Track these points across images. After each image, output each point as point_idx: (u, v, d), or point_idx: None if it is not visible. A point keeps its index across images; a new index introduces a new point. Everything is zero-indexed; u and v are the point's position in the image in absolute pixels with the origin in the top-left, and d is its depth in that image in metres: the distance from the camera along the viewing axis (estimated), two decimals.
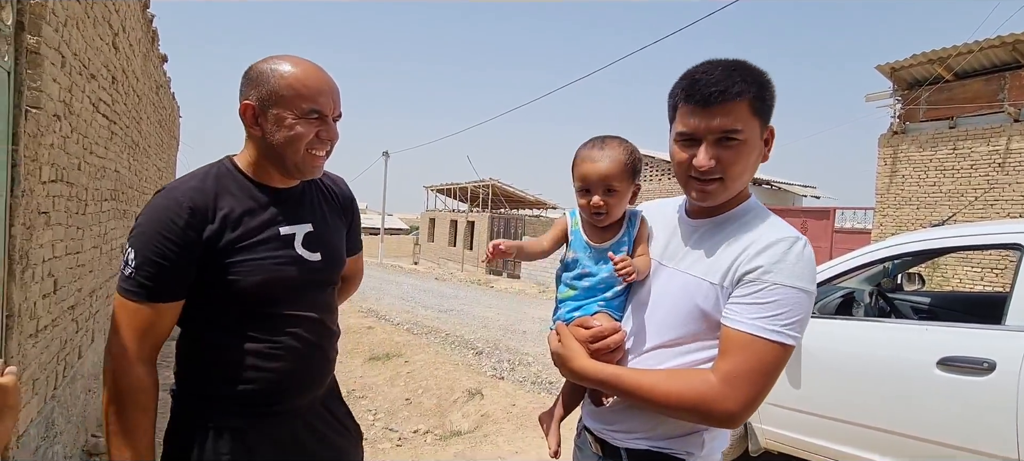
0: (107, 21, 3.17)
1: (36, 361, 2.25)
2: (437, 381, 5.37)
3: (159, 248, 1.01)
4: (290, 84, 1.06)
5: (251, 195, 1.11)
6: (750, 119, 0.95)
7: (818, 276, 2.85)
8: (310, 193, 1.22)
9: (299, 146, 1.07)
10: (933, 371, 2.30)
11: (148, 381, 1.04)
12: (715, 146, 0.95)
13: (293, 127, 1.06)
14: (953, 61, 9.07)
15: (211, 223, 1.04)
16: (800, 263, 0.92)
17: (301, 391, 1.16)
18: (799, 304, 0.91)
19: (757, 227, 0.98)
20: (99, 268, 3.38)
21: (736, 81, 0.93)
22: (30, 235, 2.07)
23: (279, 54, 1.11)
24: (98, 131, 3.11)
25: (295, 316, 1.12)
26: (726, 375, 0.91)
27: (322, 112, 1.08)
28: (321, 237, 1.18)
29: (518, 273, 19.05)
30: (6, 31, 1.91)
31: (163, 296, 1.03)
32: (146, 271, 1.01)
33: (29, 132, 2.03)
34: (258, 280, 1.06)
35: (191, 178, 1.10)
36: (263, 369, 1.09)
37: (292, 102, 1.05)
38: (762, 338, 0.90)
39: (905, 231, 9.65)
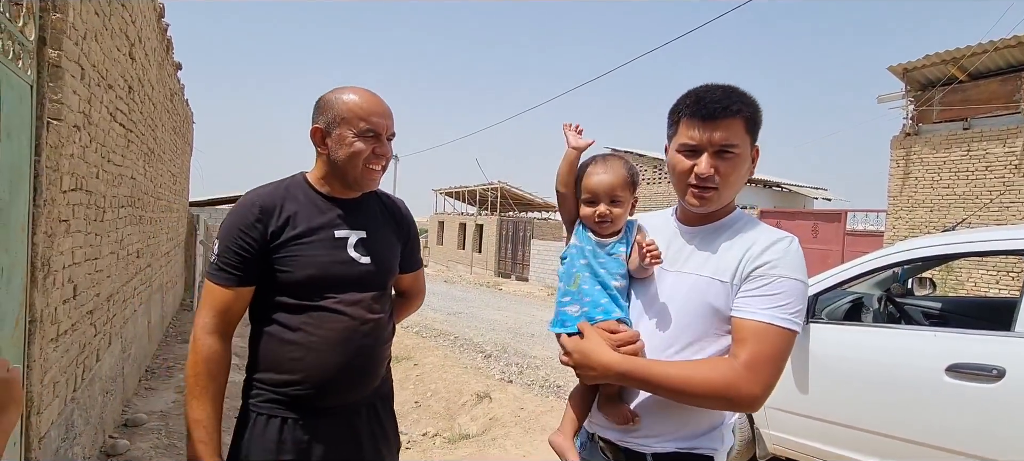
0: (124, 32, 3.26)
1: (57, 364, 2.31)
2: (446, 384, 5.40)
3: (235, 239, 1.21)
4: (350, 108, 1.23)
5: (314, 203, 1.28)
6: (744, 136, 1.07)
7: (827, 281, 2.85)
8: (370, 206, 1.37)
9: (358, 161, 1.24)
10: (942, 377, 2.28)
11: (220, 351, 1.22)
12: (714, 157, 1.06)
13: (352, 144, 1.23)
14: (967, 61, 8.94)
15: (276, 220, 1.23)
16: (797, 258, 1.05)
17: (346, 388, 1.25)
18: (800, 294, 1.02)
19: (753, 231, 1.10)
20: (116, 273, 3.46)
21: (735, 101, 1.05)
22: (51, 243, 2.14)
23: (344, 86, 1.29)
24: (115, 140, 3.20)
25: (343, 314, 1.24)
26: (747, 361, 0.99)
27: (376, 132, 1.25)
28: (373, 244, 1.31)
29: (527, 276, 19.06)
30: (29, 46, 1.98)
31: (236, 281, 1.22)
32: (225, 259, 1.22)
33: (50, 143, 2.10)
34: (309, 273, 1.21)
35: (268, 185, 1.30)
36: (310, 362, 1.21)
37: (351, 123, 1.23)
38: (776, 326, 0.99)
39: (918, 234, 9.52)
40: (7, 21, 1.74)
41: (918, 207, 9.72)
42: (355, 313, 1.25)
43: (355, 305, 1.25)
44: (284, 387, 1.22)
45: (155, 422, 3.74)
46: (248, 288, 1.23)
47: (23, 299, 1.98)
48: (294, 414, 1.22)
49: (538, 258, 18.16)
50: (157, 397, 4.23)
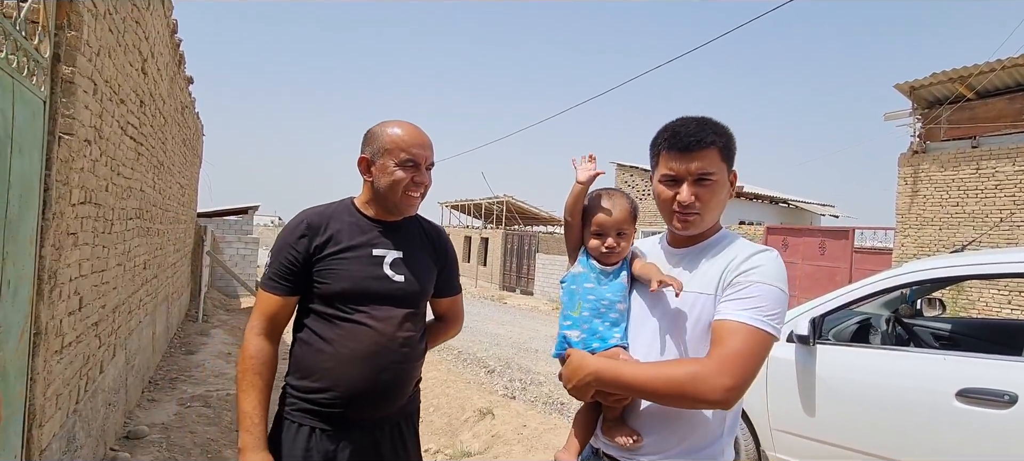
0: (137, 48, 3.32)
1: (60, 377, 2.32)
2: (448, 399, 5.37)
3: (284, 253, 1.34)
4: (393, 141, 1.36)
5: (357, 223, 1.39)
6: (720, 163, 1.15)
7: (834, 301, 2.82)
8: (410, 230, 1.46)
9: (398, 188, 1.36)
10: (952, 402, 2.24)
11: (267, 351, 1.33)
12: (694, 185, 1.14)
13: (394, 173, 1.35)
14: (974, 80, 8.91)
15: (320, 236, 1.34)
16: (776, 267, 1.10)
17: (373, 403, 1.32)
18: (777, 300, 1.07)
19: (735, 246, 1.17)
20: (122, 284, 3.48)
21: (708, 132, 1.13)
22: (59, 255, 2.16)
23: (390, 119, 1.42)
24: (125, 153, 3.24)
25: (373, 329, 1.31)
26: (718, 357, 1.03)
27: (416, 162, 1.36)
28: (409, 265, 1.40)
29: (532, 289, 19.00)
30: (43, 63, 2.02)
31: (284, 290, 1.34)
32: (274, 269, 1.34)
33: (61, 157, 2.13)
34: (344, 286, 1.31)
35: (319, 206, 1.43)
36: (340, 373, 1.29)
37: (393, 154, 1.35)
38: (748, 325, 1.04)
39: (927, 252, 9.41)
40: (23, 39, 1.78)
41: (927, 225, 9.63)
42: (385, 329, 1.32)
43: (386, 321, 1.33)
44: (314, 394, 1.30)
45: (156, 435, 3.73)
46: (294, 297, 1.35)
47: (29, 311, 1.99)
48: (322, 424, 1.30)
49: (543, 272, 18.11)
50: (159, 409, 4.23)
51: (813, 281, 11.08)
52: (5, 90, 1.66)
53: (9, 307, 1.80)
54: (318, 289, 1.32)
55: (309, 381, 1.31)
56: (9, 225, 1.74)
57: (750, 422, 3.00)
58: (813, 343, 2.72)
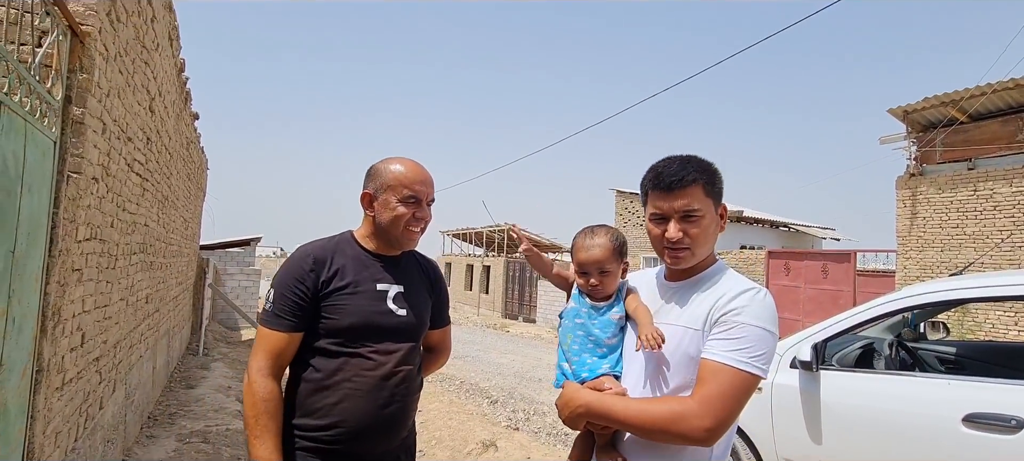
0: (145, 88, 3.41)
1: (60, 414, 2.31)
2: (450, 432, 5.29)
3: (290, 288, 1.32)
4: (396, 177, 1.39)
5: (360, 258, 1.41)
6: (705, 199, 1.18)
7: (836, 326, 2.81)
8: (408, 264, 1.49)
9: (400, 223, 1.38)
10: (959, 428, 2.21)
11: (276, 392, 1.30)
12: (681, 222, 1.18)
13: (396, 209, 1.38)
14: (966, 103, 9.04)
15: (327, 271, 1.35)
16: (764, 308, 1.11)
17: (378, 437, 1.32)
18: (763, 341, 1.08)
19: (726, 281, 1.18)
20: (124, 319, 3.49)
21: (690, 170, 1.17)
22: (63, 292, 2.18)
23: (393, 156, 1.45)
24: (131, 189, 3.29)
25: (378, 363, 1.33)
26: (701, 397, 1.06)
27: (418, 198, 1.39)
28: (409, 298, 1.43)
29: (534, 317, 18.87)
30: (55, 105, 2.08)
31: (290, 327, 1.32)
32: (280, 306, 1.32)
33: (69, 196, 2.18)
34: (353, 321, 1.32)
35: (321, 240, 1.44)
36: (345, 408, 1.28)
37: (396, 190, 1.38)
38: (732, 367, 1.06)
39: (930, 274, 9.38)
40: (37, 83, 1.84)
41: (928, 247, 9.62)
42: (389, 363, 1.34)
43: (390, 355, 1.34)
44: (319, 432, 1.29)
45: None
46: (300, 333, 1.33)
47: (32, 349, 2.00)
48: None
49: (545, 300, 18.02)
50: (157, 445, 4.17)
51: (817, 305, 11.01)
52: (18, 132, 1.71)
53: (13, 344, 1.81)
54: (325, 324, 1.32)
55: (313, 419, 1.30)
56: (16, 263, 1.77)
57: (756, 450, 2.95)
58: (816, 369, 2.71)
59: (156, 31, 3.55)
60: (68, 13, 2.01)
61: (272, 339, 1.31)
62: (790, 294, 11.44)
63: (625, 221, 17.36)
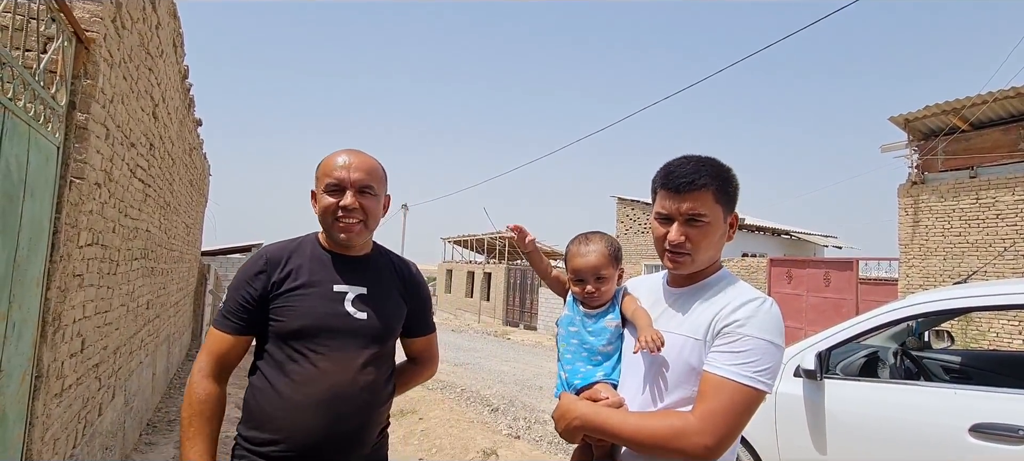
0: (149, 94, 3.42)
1: (58, 421, 2.29)
2: (451, 440, 5.25)
3: (240, 289, 1.26)
4: (322, 167, 1.30)
5: (319, 258, 1.32)
6: (714, 206, 1.13)
7: (840, 335, 2.79)
8: (378, 266, 1.39)
9: (327, 216, 1.28)
10: (966, 438, 2.19)
11: (215, 394, 1.24)
12: (685, 225, 1.13)
13: (322, 199, 1.28)
14: (967, 112, 9.05)
15: (279, 272, 1.27)
16: (769, 319, 1.06)
17: (331, 454, 1.20)
18: (769, 354, 1.03)
19: (731, 290, 1.13)
20: (125, 325, 3.48)
21: (702, 174, 1.12)
22: (64, 297, 2.18)
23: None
24: (133, 194, 3.29)
25: (332, 373, 1.21)
26: (702, 413, 1.02)
27: (340, 185, 1.26)
28: (373, 302, 1.31)
29: (535, 324, 18.82)
30: (59, 110, 2.08)
31: (235, 329, 1.26)
32: (228, 307, 1.26)
33: (71, 201, 2.18)
34: (303, 323, 1.22)
35: (282, 241, 1.36)
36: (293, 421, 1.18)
37: (320, 181, 1.29)
38: (736, 381, 1.01)
39: (933, 282, 9.34)
40: (41, 88, 1.85)
41: (931, 255, 9.59)
42: (345, 372, 1.21)
43: (345, 364, 1.22)
44: (264, 447, 1.18)
45: None
46: (247, 337, 1.27)
47: (32, 354, 1.99)
48: None
49: (546, 306, 17.98)
50: (156, 452, 4.14)
51: (819, 313, 10.97)
52: (21, 137, 1.71)
53: (13, 350, 1.80)
54: (274, 327, 1.22)
55: (260, 432, 1.19)
56: (18, 268, 1.77)
57: (759, 459, 2.92)
58: (820, 377, 2.69)
59: (160, 38, 3.57)
60: (73, 19, 2.01)
61: (216, 339, 1.25)
62: (792, 302, 11.39)
63: (627, 228, 17.35)
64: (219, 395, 1.24)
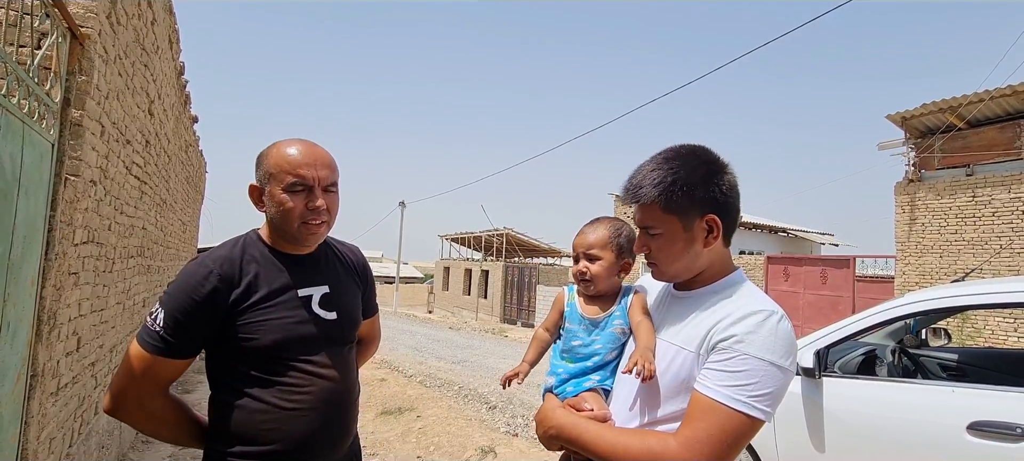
0: (145, 90, 3.39)
1: (54, 420, 2.28)
2: (449, 438, 5.25)
3: (185, 309, 1.10)
4: (277, 163, 1.15)
5: (272, 262, 1.19)
6: (662, 216, 1.05)
7: (838, 333, 2.79)
8: (327, 258, 1.30)
9: (290, 218, 1.15)
10: (964, 436, 2.20)
11: (152, 413, 1.16)
12: (644, 235, 1.10)
13: (284, 201, 1.15)
14: (964, 110, 9.09)
15: (237, 288, 1.13)
16: (773, 337, 0.94)
17: (324, 452, 1.18)
18: (769, 377, 0.92)
19: (735, 299, 1.02)
20: (121, 323, 3.46)
21: (644, 185, 1.05)
22: (59, 296, 2.16)
23: (282, 139, 1.20)
24: (129, 192, 3.27)
25: (313, 374, 1.17)
26: (686, 439, 0.92)
27: (307, 184, 1.15)
28: (337, 298, 1.25)
29: (532, 322, 18.83)
30: (54, 107, 2.06)
31: (179, 353, 1.12)
32: (169, 328, 1.10)
33: (66, 199, 2.15)
34: (276, 337, 1.13)
35: (222, 247, 1.19)
36: (289, 429, 1.13)
37: (279, 178, 1.15)
38: (727, 406, 0.91)
39: (929, 280, 9.39)
40: (35, 85, 1.83)
41: (927, 253, 9.64)
42: (328, 373, 1.19)
43: (328, 365, 1.19)
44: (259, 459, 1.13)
45: None
46: (188, 360, 1.15)
47: (26, 354, 1.98)
48: None
49: (544, 304, 18.00)
50: (152, 451, 4.13)
51: (816, 310, 11.01)
52: (15, 134, 1.69)
53: (7, 349, 1.78)
54: (245, 346, 1.12)
55: (253, 446, 1.12)
56: (12, 267, 1.75)
57: (758, 458, 2.93)
58: (819, 375, 2.69)
59: (156, 34, 3.54)
60: (68, 15, 1.99)
61: (154, 366, 1.10)
62: (789, 300, 11.43)
63: None
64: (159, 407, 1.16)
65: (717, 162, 1.07)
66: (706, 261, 1.08)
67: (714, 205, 1.04)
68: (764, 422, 0.92)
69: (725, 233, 1.08)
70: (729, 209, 1.07)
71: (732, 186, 1.07)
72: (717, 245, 1.07)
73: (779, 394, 0.93)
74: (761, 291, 1.07)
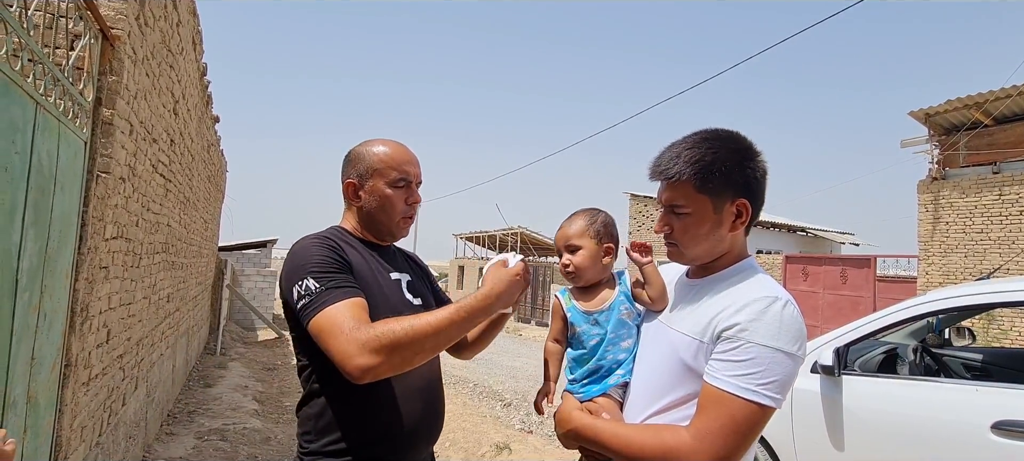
0: (170, 90, 3.48)
1: (86, 409, 2.36)
2: (465, 434, 5.29)
3: (333, 260, 1.11)
4: (382, 160, 1.24)
5: (364, 247, 1.26)
6: (695, 196, 1.03)
7: (858, 331, 2.76)
8: (397, 253, 1.38)
9: (394, 212, 1.24)
10: (988, 435, 2.16)
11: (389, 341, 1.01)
12: (668, 214, 1.08)
13: (387, 195, 1.23)
14: (990, 106, 8.84)
15: (347, 258, 1.16)
16: (778, 323, 0.93)
17: (427, 438, 1.20)
18: (776, 364, 0.91)
19: (742, 286, 1.02)
20: (147, 317, 3.56)
21: (677, 163, 1.03)
22: (91, 289, 2.23)
23: (372, 138, 1.30)
24: (155, 189, 3.36)
25: None
26: (698, 431, 0.93)
27: (408, 179, 1.25)
28: (418, 287, 1.32)
29: (547, 321, 18.83)
30: (86, 106, 2.14)
31: (357, 291, 1.08)
32: (337, 278, 1.07)
33: (98, 195, 2.23)
34: (385, 313, 1.11)
35: (316, 234, 1.21)
36: (404, 413, 1.13)
37: (384, 174, 1.24)
38: (736, 396, 0.91)
39: (953, 280, 9.16)
40: (70, 85, 1.90)
41: (952, 253, 9.40)
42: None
43: None
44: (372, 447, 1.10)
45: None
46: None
47: (61, 344, 2.06)
48: None
49: None
50: (177, 443, 4.24)
51: (836, 310, 10.82)
52: (52, 132, 1.76)
53: (44, 339, 1.86)
54: None
55: (363, 435, 1.10)
56: (48, 260, 1.82)
57: (776, 457, 2.90)
58: (838, 373, 2.66)
59: (181, 35, 3.63)
60: (100, 17, 2.06)
61: (358, 304, 1.05)
62: (808, 300, 11.25)
63: (639, 224, 17.26)
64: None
65: (752, 147, 1.06)
66: (726, 247, 1.08)
67: (746, 189, 1.04)
68: (775, 409, 0.92)
69: (750, 220, 1.07)
70: (759, 196, 1.06)
71: (765, 173, 1.07)
72: (740, 232, 1.07)
73: (788, 380, 0.93)
74: (770, 278, 1.05)
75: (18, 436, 1.71)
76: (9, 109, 1.44)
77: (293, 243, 1.18)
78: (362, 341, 0.98)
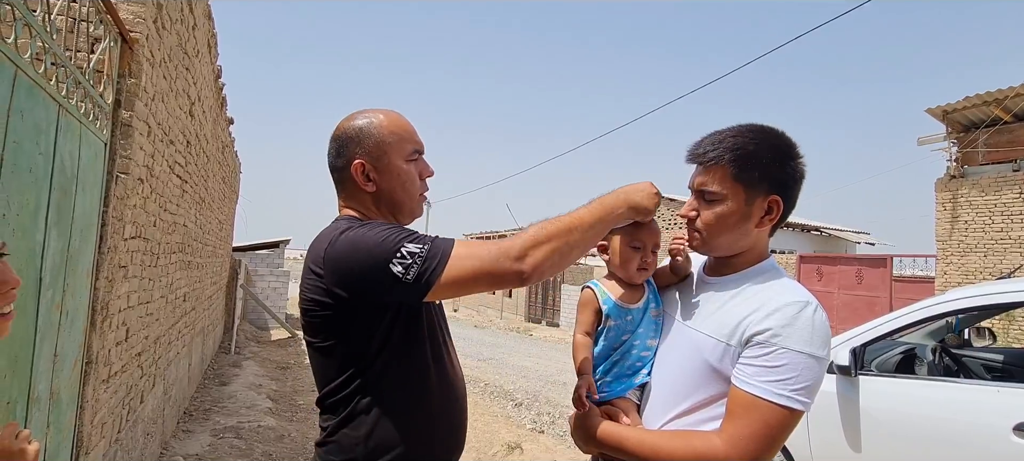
0: (186, 93, 3.54)
1: (106, 406, 2.41)
2: (476, 433, 5.30)
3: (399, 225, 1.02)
4: (392, 131, 1.08)
5: None
6: (731, 183, 1.01)
7: (875, 331, 2.72)
8: None
9: (414, 188, 1.10)
10: (1009, 437, 2.11)
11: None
12: (698, 199, 1.05)
13: (406, 172, 1.08)
14: (1010, 102, 8.65)
15: None
16: (810, 328, 0.92)
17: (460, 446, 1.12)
18: (808, 369, 0.91)
19: (768, 288, 1.00)
20: (164, 316, 3.62)
21: (717, 149, 1.01)
22: (111, 287, 2.28)
23: (359, 110, 1.12)
24: (172, 190, 3.42)
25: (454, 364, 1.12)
26: (731, 437, 0.91)
27: (420, 150, 1.12)
28: None
29: (557, 321, 18.80)
30: (106, 108, 2.18)
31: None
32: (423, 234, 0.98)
33: (117, 195, 2.28)
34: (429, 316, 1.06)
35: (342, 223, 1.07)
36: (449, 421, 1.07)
37: (397, 147, 1.08)
38: (769, 401, 0.90)
39: (972, 280, 8.98)
40: (91, 87, 1.94)
41: (970, 252, 9.22)
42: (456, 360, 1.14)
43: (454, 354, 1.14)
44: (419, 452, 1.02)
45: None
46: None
47: (82, 341, 2.10)
48: None
49: (569, 303, 17.94)
50: (194, 440, 4.30)
51: (851, 311, 10.66)
52: (73, 134, 1.80)
53: (66, 336, 1.90)
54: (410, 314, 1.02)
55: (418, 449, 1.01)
56: (70, 259, 1.86)
57: (792, 458, 2.87)
58: (855, 374, 2.63)
59: (197, 38, 3.69)
60: (119, 20, 2.10)
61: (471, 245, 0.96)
62: (823, 300, 11.06)
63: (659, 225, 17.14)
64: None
65: (795, 148, 1.04)
66: (749, 243, 1.05)
67: (782, 187, 1.02)
68: (804, 413, 0.92)
69: (780, 220, 1.05)
70: (793, 197, 1.04)
71: (803, 176, 1.04)
72: (766, 230, 1.05)
73: (818, 384, 0.93)
74: (794, 280, 1.03)
75: (42, 431, 1.75)
76: (33, 111, 1.47)
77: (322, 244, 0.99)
78: (517, 247, 0.92)
